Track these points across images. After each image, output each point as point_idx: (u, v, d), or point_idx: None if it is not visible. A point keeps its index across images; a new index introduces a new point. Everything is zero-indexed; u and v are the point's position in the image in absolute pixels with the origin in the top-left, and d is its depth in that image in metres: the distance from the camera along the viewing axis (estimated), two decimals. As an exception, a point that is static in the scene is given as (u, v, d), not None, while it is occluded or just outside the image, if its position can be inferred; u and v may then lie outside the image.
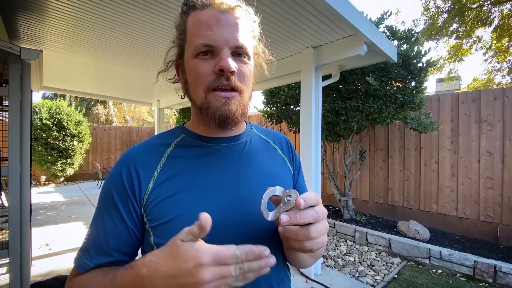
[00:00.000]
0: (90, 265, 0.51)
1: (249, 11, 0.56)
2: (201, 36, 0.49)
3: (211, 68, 0.50)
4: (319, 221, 0.43)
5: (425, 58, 3.24)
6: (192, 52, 0.51)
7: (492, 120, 3.48)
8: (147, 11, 2.02)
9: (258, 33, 0.59)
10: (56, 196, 6.58)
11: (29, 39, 2.56)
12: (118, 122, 18.85)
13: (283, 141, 0.72)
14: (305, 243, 0.42)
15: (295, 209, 0.42)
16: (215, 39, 0.49)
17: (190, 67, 0.52)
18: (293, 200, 0.43)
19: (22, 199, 1.83)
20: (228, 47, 0.50)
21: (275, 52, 2.83)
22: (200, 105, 0.53)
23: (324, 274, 2.79)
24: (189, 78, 0.54)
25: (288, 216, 0.42)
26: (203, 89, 0.51)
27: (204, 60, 0.50)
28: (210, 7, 0.50)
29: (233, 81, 0.50)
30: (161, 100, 5.93)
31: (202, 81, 0.51)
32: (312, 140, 2.70)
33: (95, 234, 0.53)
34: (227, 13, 0.50)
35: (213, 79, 0.50)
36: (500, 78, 9.99)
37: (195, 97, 0.54)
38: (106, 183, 0.56)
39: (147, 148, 0.58)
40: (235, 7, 0.51)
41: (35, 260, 2.99)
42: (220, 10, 0.50)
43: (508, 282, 2.50)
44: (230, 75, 0.50)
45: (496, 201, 3.43)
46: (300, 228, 0.42)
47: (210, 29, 0.49)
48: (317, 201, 0.44)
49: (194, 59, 0.51)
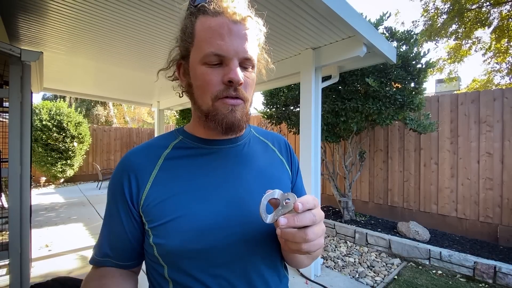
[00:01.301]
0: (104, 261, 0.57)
1: (258, 21, 0.57)
2: (212, 45, 0.49)
3: (220, 78, 0.51)
4: (316, 224, 0.43)
5: (425, 59, 3.25)
6: (201, 59, 0.51)
7: (491, 121, 3.49)
8: (147, 12, 2.03)
9: (263, 41, 0.59)
10: (56, 197, 6.57)
11: (29, 41, 2.57)
12: (118, 123, 18.86)
13: (281, 143, 0.72)
14: (302, 245, 0.43)
15: (293, 212, 0.43)
16: (226, 49, 0.49)
17: (197, 73, 0.52)
18: (292, 203, 0.44)
19: (22, 201, 1.83)
20: (237, 58, 0.50)
21: (275, 54, 2.84)
22: (207, 111, 0.53)
23: (324, 275, 2.79)
24: (195, 83, 0.54)
25: (286, 219, 0.42)
26: (211, 97, 0.52)
27: (212, 68, 0.51)
28: (222, 16, 0.50)
29: (240, 92, 0.52)
30: (161, 101, 5.94)
31: (210, 90, 0.51)
32: (311, 141, 2.71)
33: (102, 234, 0.59)
34: (239, 23, 0.51)
35: (222, 89, 0.51)
36: (499, 79, 10.02)
37: (201, 102, 0.54)
38: (110, 187, 0.59)
39: (145, 150, 0.59)
40: (246, 17, 0.52)
41: (35, 262, 2.99)
42: (233, 20, 0.50)
43: (508, 282, 2.50)
44: (238, 86, 0.51)
45: (495, 201, 3.43)
46: (297, 231, 0.42)
47: (222, 38, 0.49)
48: (315, 204, 0.44)
49: (202, 66, 0.51)
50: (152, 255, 0.54)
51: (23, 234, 1.84)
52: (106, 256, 0.57)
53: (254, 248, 0.56)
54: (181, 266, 0.52)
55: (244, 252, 0.54)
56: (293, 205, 0.43)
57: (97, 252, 0.58)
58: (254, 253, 0.56)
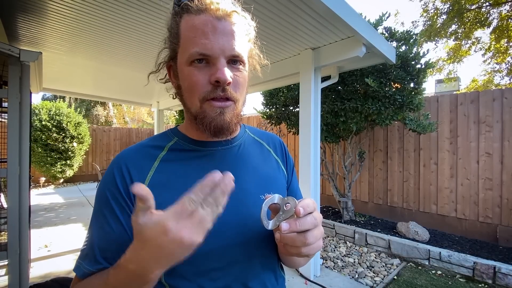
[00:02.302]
0: (90, 270, 0.50)
1: (246, 16, 0.54)
2: (196, 44, 0.48)
3: (207, 78, 0.49)
4: (316, 227, 0.44)
5: (424, 59, 3.26)
6: (187, 59, 0.50)
7: (490, 121, 3.49)
8: (146, 12, 2.03)
9: (253, 36, 0.58)
10: (56, 198, 6.57)
11: (28, 41, 2.57)
12: (117, 123, 18.85)
13: (276, 142, 0.72)
14: (302, 249, 0.43)
15: (294, 216, 0.43)
16: (211, 48, 0.48)
17: (185, 74, 0.51)
18: (292, 207, 0.44)
19: (21, 201, 1.83)
20: (224, 56, 0.49)
21: (274, 54, 2.84)
22: (195, 114, 0.52)
23: (323, 276, 2.79)
24: (183, 85, 0.53)
25: (288, 224, 0.42)
26: (198, 99, 0.51)
27: (199, 68, 0.49)
28: (206, 13, 0.48)
29: (228, 92, 0.50)
30: (161, 102, 5.94)
31: (198, 91, 0.50)
32: (311, 141, 2.70)
33: (92, 239, 0.52)
34: (223, 20, 0.49)
35: (209, 90, 0.49)
36: (499, 79, 10.03)
37: (190, 104, 0.53)
38: (100, 186, 0.55)
39: (140, 150, 0.57)
40: (231, 13, 0.50)
41: (34, 262, 2.99)
42: (216, 17, 0.48)
43: (508, 283, 2.49)
44: (226, 86, 0.49)
45: (495, 202, 3.43)
46: (297, 235, 0.42)
47: (206, 37, 0.48)
48: (314, 208, 0.44)
49: (188, 67, 0.50)
50: None
51: (22, 234, 1.83)
52: (99, 264, 0.50)
53: (251, 250, 0.55)
54: (178, 271, 0.50)
55: (241, 255, 0.54)
56: (294, 209, 0.43)
57: (92, 263, 0.50)
58: (251, 255, 0.56)
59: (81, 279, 0.51)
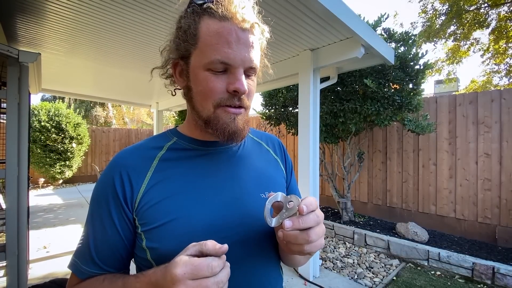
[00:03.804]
0: (89, 271, 0.51)
1: (264, 29, 0.54)
2: (219, 52, 0.47)
3: (224, 86, 0.49)
4: (318, 224, 0.44)
5: (423, 60, 3.26)
6: (205, 64, 0.49)
7: (489, 122, 3.50)
8: (145, 13, 2.04)
9: (265, 45, 0.58)
10: (55, 199, 6.56)
11: (27, 42, 2.57)
12: (117, 124, 18.83)
13: (275, 142, 0.73)
14: (304, 247, 0.43)
15: (297, 214, 0.44)
16: (233, 58, 0.48)
17: (200, 78, 0.51)
18: (295, 205, 0.45)
19: (19, 202, 1.83)
20: (243, 67, 0.49)
21: (274, 55, 2.84)
22: (207, 118, 0.52)
23: (322, 276, 2.79)
24: (196, 88, 0.52)
25: (291, 222, 0.43)
26: (213, 104, 0.51)
27: (216, 75, 0.49)
28: (231, 21, 0.48)
29: (244, 101, 0.51)
30: (160, 102, 5.94)
31: (213, 97, 0.50)
32: (310, 142, 2.71)
33: (88, 240, 0.52)
34: (247, 31, 0.49)
35: (226, 97, 0.50)
36: (497, 80, 10.06)
37: (201, 108, 0.53)
38: (98, 187, 0.54)
39: (138, 151, 0.57)
40: (254, 24, 0.50)
41: (33, 263, 2.98)
42: (241, 28, 0.48)
43: (507, 283, 2.50)
44: (242, 95, 0.50)
45: (494, 202, 3.44)
46: (300, 233, 0.43)
47: (230, 46, 0.47)
48: (316, 206, 0.45)
49: (205, 71, 0.50)
50: (144, 259, 0.51)
51: (21, 235, 1.83)
52: (98, 267, 0.52)
53: (252, 249, 0.55)
54: None
55: (242, 254, 0.54)
56: (298, 207, 0.44)
57: (89, 264, 0.51)
58: (252, 254, 0.56)
59: (81, 279, 0.52)
